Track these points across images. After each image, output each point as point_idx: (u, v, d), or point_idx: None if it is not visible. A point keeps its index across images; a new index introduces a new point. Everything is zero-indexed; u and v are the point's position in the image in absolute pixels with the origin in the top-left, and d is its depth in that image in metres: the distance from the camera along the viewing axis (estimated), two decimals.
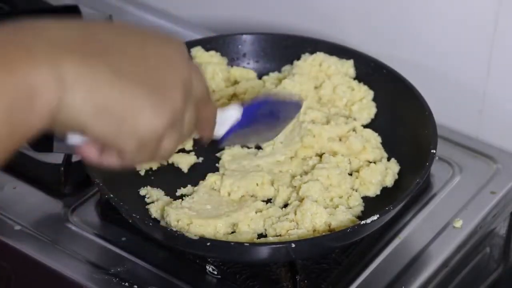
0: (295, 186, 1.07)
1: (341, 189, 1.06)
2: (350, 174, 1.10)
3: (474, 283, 1.20)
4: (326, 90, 1.19)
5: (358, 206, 1.05)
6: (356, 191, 1.07)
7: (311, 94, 1.18)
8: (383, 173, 1.08)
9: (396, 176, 1.10)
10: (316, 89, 1.20)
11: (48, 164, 1.17)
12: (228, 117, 0.92)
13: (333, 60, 1.21)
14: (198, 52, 1.21)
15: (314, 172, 1.07)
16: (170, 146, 0.77)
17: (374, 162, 1.10)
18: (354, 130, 1.14)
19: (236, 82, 1.21)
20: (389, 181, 1.09)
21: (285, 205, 1.06)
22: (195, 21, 1.46)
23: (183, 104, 0.76)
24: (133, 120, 0.72)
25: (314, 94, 1.18)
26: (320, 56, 1.21)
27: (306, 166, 1.10)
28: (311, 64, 1.21)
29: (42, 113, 0.67)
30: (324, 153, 1.12)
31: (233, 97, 1.19)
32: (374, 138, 1.13)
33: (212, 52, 1.22)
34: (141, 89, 0.72)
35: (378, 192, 1.08)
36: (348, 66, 1.21)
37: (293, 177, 1.09)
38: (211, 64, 1.20)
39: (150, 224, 0.98)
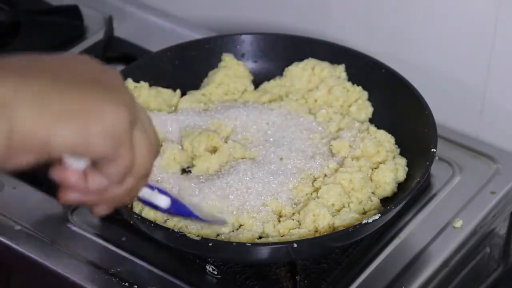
0: (315, 187, 1.07)
1: (362, 193, 1.05)
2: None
3: (474, 283, 1.20)
4: (322, 92, 1.19)
5: (374, 210, 1.04)
6: (374, 193, 1.07)
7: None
8: (394, 170, 1.08)
9: (407, 169, 1.09)
10: (310, 92, 1.20)
11: (48, 164, 1.16)
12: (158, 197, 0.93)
13: (325, 64, 1.21)
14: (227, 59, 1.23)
15: (336, 176, 1.07)
16: (143, 151, 0.74)
17: (383, 162, 1.10)
18: (367, 131, 1.14)
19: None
20: (402, 176, 1.08)
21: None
22: (195, 21, 1.46)
23: (134, 104, 0.74)
24: (95, 115, 0.69)
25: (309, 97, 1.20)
26: (311, 61, 1.21)
27: (327, 168, 1.10)
28: (303, 69, 1.21)
29: None
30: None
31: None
32: (387, 140, 1.13)
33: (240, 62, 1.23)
34: (90, 89, 0.70)
35: (396, 190, 1.08)
36: (340, 70, 1.21)
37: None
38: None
39: (152, 225, 0.98)
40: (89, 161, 0.73)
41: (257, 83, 1.23)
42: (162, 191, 0.92)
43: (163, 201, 0.92)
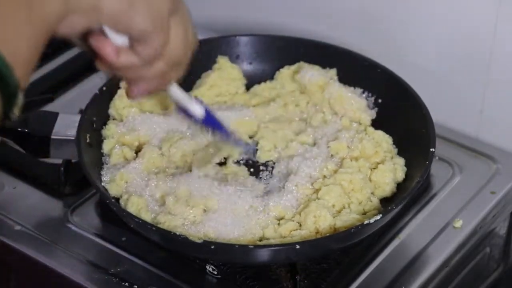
0: (315, 188, 1.07)
1: (362, 194, 1.05)
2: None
3: (474, 283, 1.20)
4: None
5: (373, 211, 1.04)
6: (373, 194, 1.07)
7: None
8: (393, 170, 1.08)
9: (405, 169, 1.09)
10: (302, 94, 1.20)
11: (48, 164, 1.17)
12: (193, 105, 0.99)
13: (316, 67, 1.21)
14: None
15: (336, 177, 1.06)
16: (178, 39, 0.83)
17: (382, 162, 1.10)
18: (365, 132, 1.14)
19: None
20: (400, 176, 1.08)
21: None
22: (195, 22, 1.46)
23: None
24: None
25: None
26: (303, 64, 1.21)
27: (326, 169, 1.09)
28: (294, 72, 1.21)
29: None
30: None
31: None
32: (385, 141, 1.13)
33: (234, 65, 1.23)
34: None
35: (395, 190, 1.08)
36: (332, 74, 1.20)
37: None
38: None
39: (153, 228, 0.98)
40: (126, 38, 0.80)
41: (252, 84, 1.23)
42: (198, 102, 0.99)
43: (198, 110, 0.99)
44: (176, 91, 0.96)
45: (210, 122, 1.01)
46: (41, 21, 0.70)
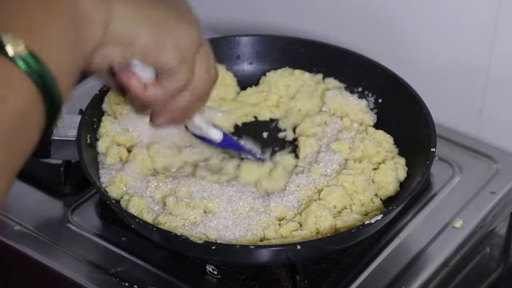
0: (318, 188, 1.07)
1: (365, 195, 1.05)
2: None
3: (474, 283, 1.21)
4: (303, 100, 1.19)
5: (375, 211, 1.04)
6: (376, 195, 1.07)
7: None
8: (395, 169, 1.08)
9: (406, 168, 1.09)
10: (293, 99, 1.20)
11: (48, 164, 1.17)
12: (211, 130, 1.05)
13: (306, 75, 1.21)
14: None
15: (339, 178, 1.06)
16: (202, 73, 0.87)
17: (383, 162, 1.10)
18: (366, 132, 1.14)
19: None
20: (402, 175, 1.08)
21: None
22: None
23: (202, 36, 0.88)
24: (173, 29, 0.81)
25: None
26: (289, 70, 1.22)
27: (330, 169, 1.09)
28: (281, 75, 1.21)
29: (98, 25, 0.74)
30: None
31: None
32: (386, 140, 1.12)
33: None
34: (171, 7, 0.83)
35: (398, 188, 1.07)
36: (318, 78, 1.20)
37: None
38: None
39: (154, 229, 0.98)
40: (153, 73, 0.85)
41: (252, 84, 1.23)
42: (215, 127, 1.05)
43: (217, 135, 1.05)
44: (198, 120, 1.01)
45: (228, 143, 1.07)
46: (82, 45, 0.72)
